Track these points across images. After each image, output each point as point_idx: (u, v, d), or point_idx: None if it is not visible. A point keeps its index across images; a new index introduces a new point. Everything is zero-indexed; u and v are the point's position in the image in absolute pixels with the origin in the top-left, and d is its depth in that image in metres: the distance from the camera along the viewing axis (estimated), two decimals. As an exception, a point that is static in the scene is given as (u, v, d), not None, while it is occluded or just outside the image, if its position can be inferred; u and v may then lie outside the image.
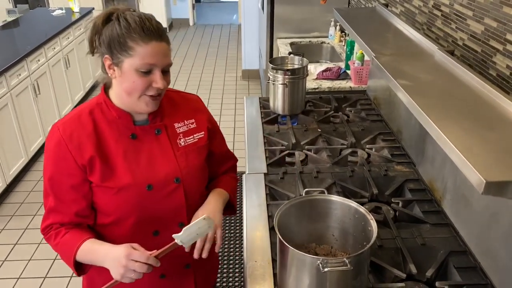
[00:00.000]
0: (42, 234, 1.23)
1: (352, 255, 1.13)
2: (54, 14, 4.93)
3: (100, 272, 1.17)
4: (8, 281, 2.67)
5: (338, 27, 3.75)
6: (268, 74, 2.33)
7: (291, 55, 2.43)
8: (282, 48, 3.70)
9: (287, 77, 2.24)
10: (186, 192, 1.25)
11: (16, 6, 6.68)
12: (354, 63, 2.83)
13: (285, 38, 3.96)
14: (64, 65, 4.36)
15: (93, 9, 5.34)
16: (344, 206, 1.31)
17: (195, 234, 1.13)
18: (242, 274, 2.62)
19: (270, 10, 3.92)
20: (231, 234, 2.95)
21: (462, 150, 0.98)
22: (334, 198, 1.32)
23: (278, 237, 1.17)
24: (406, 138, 2.04)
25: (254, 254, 1.43)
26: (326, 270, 1.08)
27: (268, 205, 1.67)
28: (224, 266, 2.70)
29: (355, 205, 1.28)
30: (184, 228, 1.12)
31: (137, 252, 1.08)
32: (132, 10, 1.14)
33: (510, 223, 1.24)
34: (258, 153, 2.02)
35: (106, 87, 1.21)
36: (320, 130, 2.20)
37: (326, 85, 2.84)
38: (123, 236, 1.22)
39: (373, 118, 2.33)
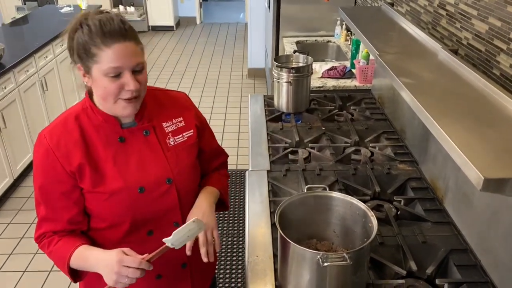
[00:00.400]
0: (36, 243, 1.22)
1: (351, 250, 1.14)
2: (63, 11, 4.97)
3: (98, 276, 1.14)
4: (14, 273, 2.71)
5: (344, 26, 3.75)
6: (272, 72, 2.34)
7: (296, 53, 2.44)
8: (288, 46, 3.70)
9: (292, 75, 2.25)
10: (179, 191, 1.23)
11: (25, 3, 6.76)
12: (359, 62, 2.84)
13: (291, 36, 3.97)
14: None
15: (100, 6, 5.38)
16: (345, 203, 1.32)
17: (186, 236, 1.13)
18: (243, 269, 2.64)
19: (276, 8, 3.93)
20: (235, 231, 2.97)
21: (461, 147, 0.98)
22: (335, 194, 1.34)
23: (279, 232, 1.18)
24: (410, 137, 2.05)
25: (255, 250, 1.45)
26: (326, 264, 1.09)
27: (270, 201, 1.68)
28: (227, 262, 2.72)
29: (356, 201, 1.29)
30: (174, 231, 1.11)
31: (128, 257, 1.07)
32: (105, 12, 1.09)
33: (511, 222, 1.25)
34: (262, 150, 2.03)
35: (90, 92, 1.18)
36: (324, 128, 2.20)
37: (331, 83, 2.85)
38: (119, 238, 1.22)
39: (377, 117, 2.33)
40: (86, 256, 1.15)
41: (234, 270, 2.66)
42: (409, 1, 2.41)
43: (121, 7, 7.42)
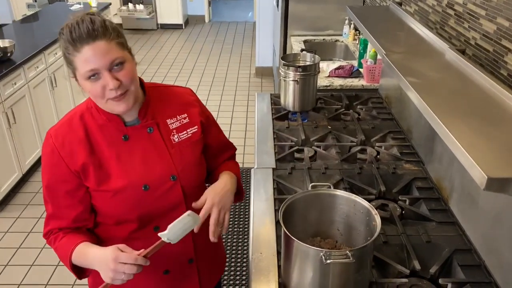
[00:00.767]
0: (44, 239, 1.25)
1: (355, 248, 1.14)
2: (73, 8, 5.02)
3: None
4: (22, 267, 2.75)
5: (352, 26, 3.74)
6: (279, 71, 2.34)
7: (303, 52, 2.44)
8: (296, 45, 3.70)
9: (299, 73, 2.25)
10: (184, 188, 1.23)
11: (36, 1, 6.82)
12: (367, 62, 2.83)
13: (299, 35, 3.97)
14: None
15: (110, 4, 5.42)
16: (349, 201, 1.32)
17: (181, 230, 1.12)
18: (247, 266, 2.65)
19: (285, 7, 3.93)
20: (240, 228, 2.98)
21: (466, 147, 0.98)
22: (339, 193, 1.34)
23: (283, 229, 1.19)
24: (416, 137, 2.04)
25: (259, 247, 1.46)
26: (328, 262, 1.10)
27: (275, 199, 1.69)
28: (232, 258, 2.73)
29: (360, 200, 1.29)
30: (169, 226, 1.10)
31: (124, 254, 1.06)
32: (84, 15, 1.07)
33: (515, 223, 1.25)
34: (267, 148, 2.04)
35: None
36: (330, 127, 2.21)
37: (338, 82, 2.84)
38: (126, 234, 1.23)
39: (384, 117, 2.33)
40: (85, 253, 1.15)
41: (238, 267, 2.68)
42: (417, 0, 2.40)
43: (130, 5, 7.46)
